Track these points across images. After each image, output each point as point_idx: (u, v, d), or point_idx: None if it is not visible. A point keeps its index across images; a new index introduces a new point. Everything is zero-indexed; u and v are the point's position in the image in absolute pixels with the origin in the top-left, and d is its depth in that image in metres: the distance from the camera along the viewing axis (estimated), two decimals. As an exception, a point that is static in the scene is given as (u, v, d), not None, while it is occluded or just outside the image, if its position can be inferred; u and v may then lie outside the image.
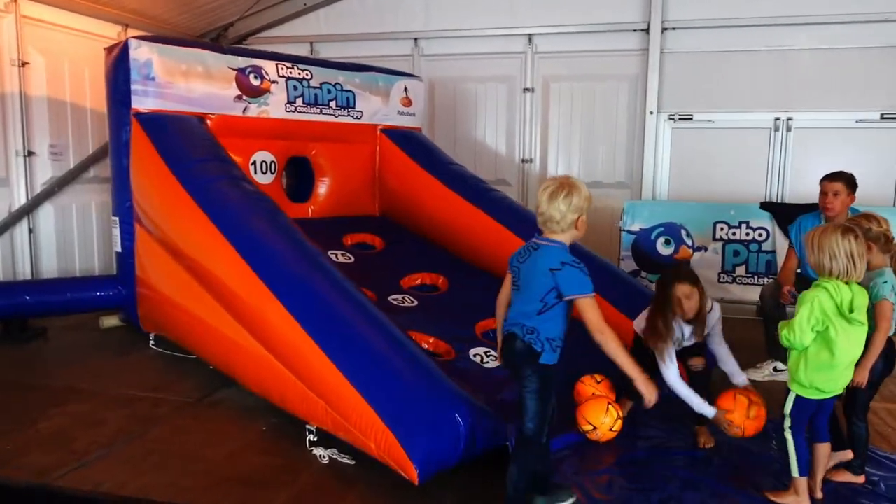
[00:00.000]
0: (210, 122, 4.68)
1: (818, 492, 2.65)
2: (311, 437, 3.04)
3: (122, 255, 4.62)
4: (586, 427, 3.10)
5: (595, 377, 3.40)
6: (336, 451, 2.97)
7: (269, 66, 4.97)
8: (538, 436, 2.39)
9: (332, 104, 5.29)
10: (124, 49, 4.40)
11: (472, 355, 3.82)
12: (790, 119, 6.18)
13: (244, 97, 4.83)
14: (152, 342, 4.53)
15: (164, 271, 4.19)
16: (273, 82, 4.97)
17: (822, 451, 2.65)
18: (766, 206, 5.68)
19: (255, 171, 4.97)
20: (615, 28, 6.48)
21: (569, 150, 6.77)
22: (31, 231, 5.60)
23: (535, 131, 6.83)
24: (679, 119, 6.42)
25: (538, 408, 2.36)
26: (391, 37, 7.00)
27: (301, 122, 5.12)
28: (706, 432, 3.14)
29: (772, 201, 5.82)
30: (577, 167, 6.72)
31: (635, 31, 6.46)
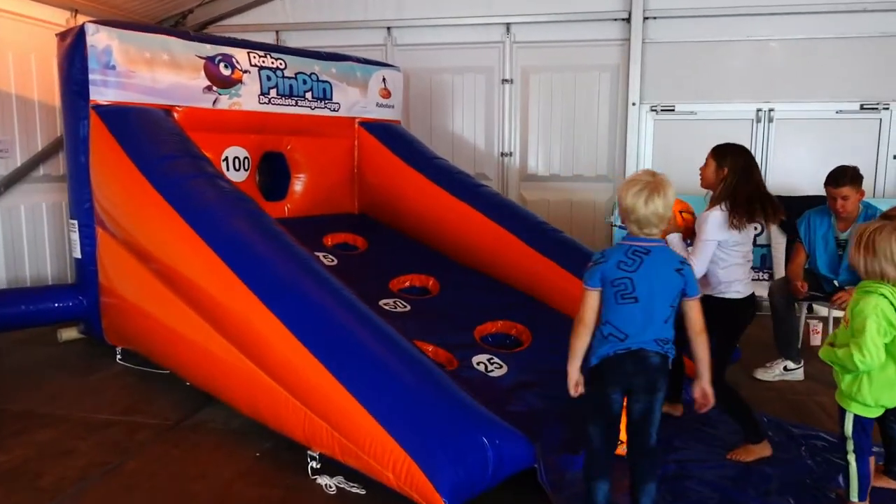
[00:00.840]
0: (177, 114, 4.30)
1: None
2: (314, 465, 2.73)
3: (82, 261, 4.19)
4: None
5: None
6: (343, 478, 2.67)
7: (241, 55, 4.60)
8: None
9: (308, 96, 4.95)
10: (80, 35, 3.98)
11: (476, 363, 3.57)
12: (772, 110, 6.10)
13: (214, 88, 4.46)
14: (119, 356, 4.13)
15: (131, 278, 3.81)
16: (245, 72, 4.60)
17: (871, 463, 2.50)
18: (759, 198, 5.56)
19: (227, 168, 4.60)
20: (595, 17, 6.28)
21: (549, 144, 6.55)
22: (-26, 236, 5.12)
23: (514, 124, 6.59)
24: (661, 110, 6.27)
25: (660, 416, 2.27)
26: (362, 25, 6.65)
27: (275, 115, 4.78)
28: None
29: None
30: (559, 161, 6.52)
31: (616, 20, 6.28)
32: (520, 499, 2.56)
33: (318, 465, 2.73)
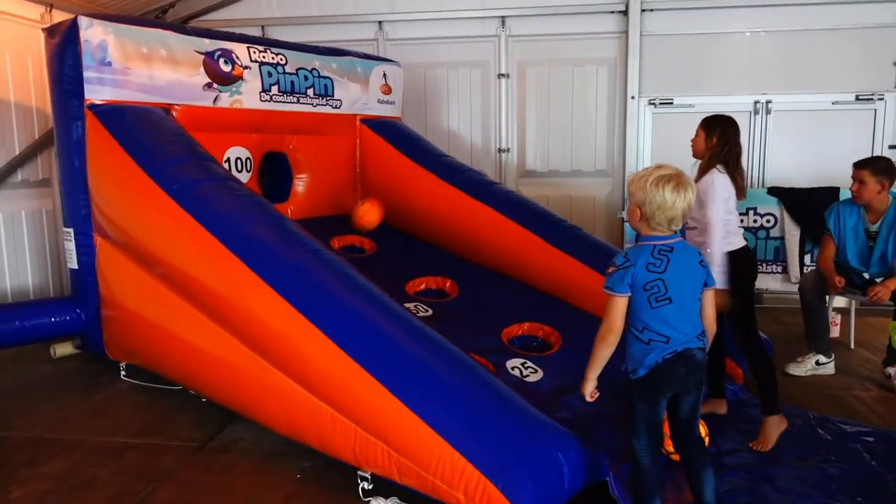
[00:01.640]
0: (175, 113, 4.04)
1: None
2: (366, 485, 2.55)
3: (79, 272, 3.90)
4: (671, 448, 2.76)
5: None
6: (397, 499, 2.50)
7: (240, 50, 4.36)
8: None
9: (310, 92, 4.73)
10: (72, 29, 3.69)
11: (511, 368, 3.42)
12: (769, 102, 6.09)
13: (214, 85, 4.21)
14: (123, 373, 3.87)
15: (138, 289, 3.56)
16: (245, 68, 4.36)
17: None
18: (774, 191, 5.55)
19: (229, 170, 4.36)
20: (592, 9, 6.18)
21: (547, 139, 6.43)
22: (-50, 247, 4.77)
23: (511, 120, 6.46)
24: (659, 104, 6.21)
25: None
26: (352, 20, 6.44)
27: (277, 112, 4.54)
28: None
29: (779, 186, 5.70)
30: (557, 157, 6.41)
31: (613, 12, 6.20)
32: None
33: (371, 486, 2.55)
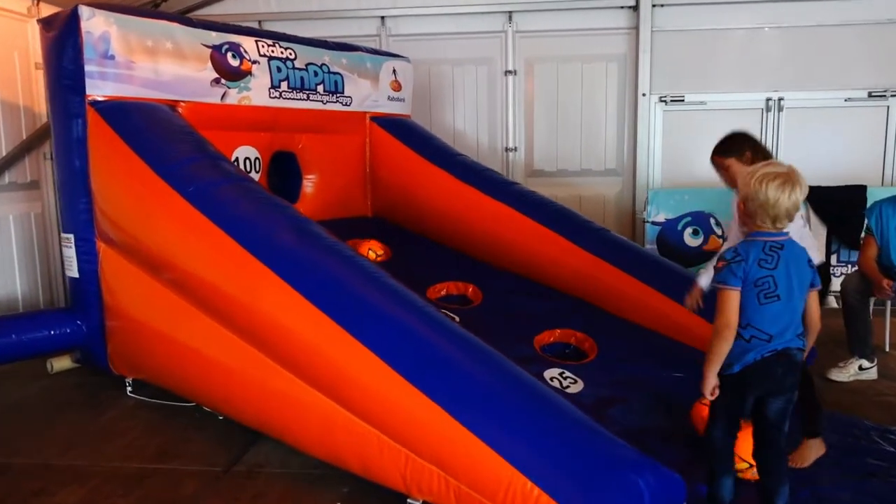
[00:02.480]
0: (181, 110, 3.79)
1: None
2: (417, 514, 2.35)
3: (80, 281, 3.62)
4: (740, 465, 2.59)
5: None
6: (453, 529, 2.30)
7: (248, 44, 4.12)
8: None
9: (320, 89, 4.49)
10: (72, 20, 3.43)
11: (549, 378, 3.24)
12: (782, 99, 5.99)
13: (222, 81, 3.96)
14: (130, 389, 3.61)
15: (148, 299, 3.30)
16: (254, 62, 4.12)
17: None
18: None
19: (238, 171, 4.11)
20: (602, 4, 6.02)
21: (556, 138, 6.26)
22: (-66, 255, 4.46)
23: (518, 118, 6.27)
24: (671, 101, 6.07)
25: None
26: (354, 15, 6.21)
27: (287, 110, 4.31)
28: None
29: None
30: (567, 156, 6.24)
31: (623, 7, 6.04)
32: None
33: (423, 515, 2.35)
